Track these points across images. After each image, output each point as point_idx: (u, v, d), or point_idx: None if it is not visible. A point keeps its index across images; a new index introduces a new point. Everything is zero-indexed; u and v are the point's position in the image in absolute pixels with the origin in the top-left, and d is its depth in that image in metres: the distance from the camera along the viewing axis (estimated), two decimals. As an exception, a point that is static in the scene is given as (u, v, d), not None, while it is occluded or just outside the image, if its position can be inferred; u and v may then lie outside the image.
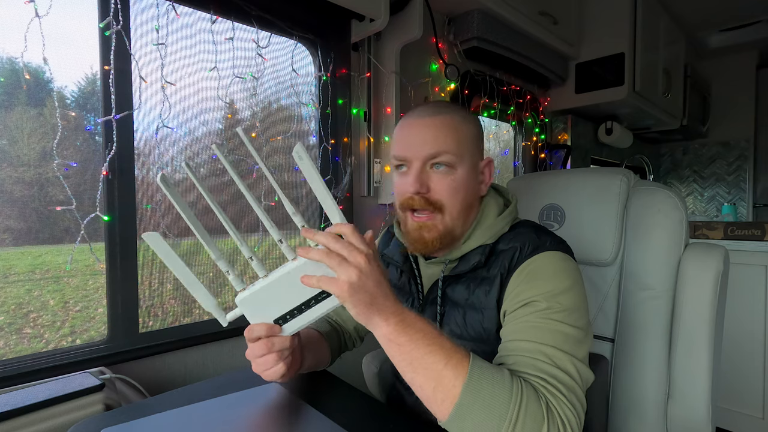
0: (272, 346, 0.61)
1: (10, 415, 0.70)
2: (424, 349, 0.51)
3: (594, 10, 2.14)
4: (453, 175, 0.67)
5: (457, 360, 0.50)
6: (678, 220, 0.87)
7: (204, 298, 0.61)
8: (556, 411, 0.49)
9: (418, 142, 0.67)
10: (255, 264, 0.60)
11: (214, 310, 0.62)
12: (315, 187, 0.58)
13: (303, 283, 0.57)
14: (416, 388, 0.52)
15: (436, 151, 0.66)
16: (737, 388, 1.81)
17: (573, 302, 0.59)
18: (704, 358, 0.83)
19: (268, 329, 0.61)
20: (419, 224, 0.68)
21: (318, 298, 0.60)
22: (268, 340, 0.61)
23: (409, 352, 0.51)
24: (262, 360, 0.62)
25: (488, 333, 0.65)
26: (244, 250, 0.59)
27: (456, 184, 0.67)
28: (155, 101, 1.00)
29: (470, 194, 0.69)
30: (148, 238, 0.56)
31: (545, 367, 0.53)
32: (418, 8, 1.36)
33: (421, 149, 0.66)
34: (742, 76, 3.26)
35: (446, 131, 0.67)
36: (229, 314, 0.63)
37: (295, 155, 0.56)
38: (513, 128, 2.23)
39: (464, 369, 0.49)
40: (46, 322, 0.98)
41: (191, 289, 0.60)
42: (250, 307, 0.60)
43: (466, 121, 0.69)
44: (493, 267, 0.67)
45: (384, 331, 0.53)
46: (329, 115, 1.36)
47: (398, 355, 0.52)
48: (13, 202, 0.92)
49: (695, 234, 2.00)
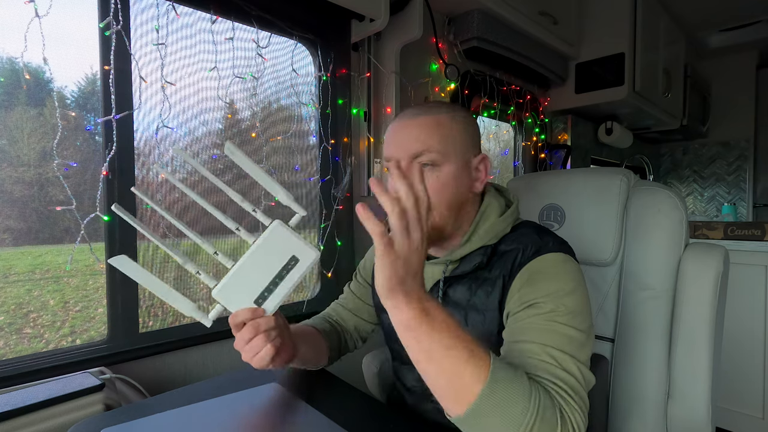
0: (258, 327, 0.61)
1: (10, 415, 0.70)
2: (447, 341, 0.48)
3: (594, 10, 2.14)
4: (438, 173, 0.67)
5: (478, 358, 0.48)
6: (678, 220, 0.87)
7: (181, 304, 0.61)
8: (568, 417, 0.49)
9: (402, 141, 0.68)
10: (221, 257, 0.62)
11: (194, 313, 0.62)
12: (255, 175, 0.62)
13: (359, 214, 0.48)
14: (429, 380, 0.50)
15: (419, 149, 0.67)
16: (737, 388, 1.81)
17: (577, 304, 0.59)
18: (704, 358, 0.83)
19: (252, 312, 0.61)
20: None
21: (288, 267, 0.61)
22: (254, 321, 0.61)
23: (428, 343, 0.48)
24: (250, 345, 0.61)
25: (490, 334, 0.65)
26: (207, 247, 0.61)
27: (441, 181, 0.67)
28: (155, 101, 1.00)
29: (460, 192, 0.69)
30: (116, 262, 0.57)
31: (554, 370, 0.53)
32: (418, 8, 1.36)
33: (405, 148, 0.68)
34: (742, 76, 3.26)
35: (429, 130, 0.67)
36: (211, 313, 0.63)
37: (227, 152, 0.59)
38: (513, 128, 2.23)
39: (485, 371, 0.47)
40: (46, 322, 0.98)
41: (167, 299, 0.61)
42: (227, 297, 0.61)
43: (453, 118, 0.70)
44: (495, 268, 0.67)
45: (405, 315, 0.49)
46: (329, 115, 1.36)
47: (416, 344, 0.49)
48: (13, 202, 0.92)
49: (695, 234, 2.00)
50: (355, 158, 1.42)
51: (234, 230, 0.62)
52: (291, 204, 0.64)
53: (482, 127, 2.05)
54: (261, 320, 0.61)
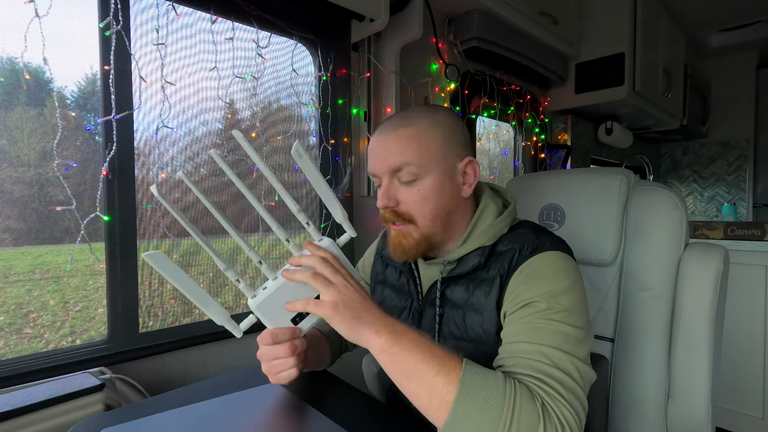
0: (296, 349, 0.63)
1: (10, 415, 0.70)
2: (418, 357, 0.51)
3: (594, 10, 2.14)
4: (419, 186, 0.67)
5: (450, 367, 0.50)
6: (678, 220, 0.87)
7: (216, 313, 0.61)
8: (552, 411, 0.49)
9: (381, 156, 0.68)
10: (264, 268, 0.61)
11: (227, 323, 0.62)
12: (316, 185, 0.59)
13: (288, 310, 0.60)
14: (412, 398, 0.52)
15: (398, 164, 0.66)
16: (737, 388, 1.81)
17: (573, 302, 0.59)
18: (704, 358, 0.83)
19: (291, 332, 0.63)
20: (397, 232, 0.70)
21: None
22: (291, 343, 0.62)
23: (404, 362, 0.52)
24: (280, 362, 0.63)
25: (488, 334, 0.65)
26: (253, 256, 0.61)
27: (423, 194, 0.67)
28: (155, 101, 1.00)
29: (445, 200, 0.68)
30: (150, 259, 0.54)
31: (543, 367, 0.53)
32: (418, 8, 1.36)
33: (384, 163, 0.67)
34: (742, 76, 3.26)
35: (406, 143, 0.66)
36: (243, 323, 0.63)
37: (294, 154, 0.56)
38: (513, 128, 2.23)
39: (457, 375, 0.50)
40: (46, 322, 0.98)
41: (203, 307, 0.60)
42: (266, 312, 0.61)
43: (432, 127, 0.68)
44: (493, 268, 0.66)
45: (377, 342, 0.54)
46: (329, 115, 1.36)
47: (393, 365, 0.53)
48: (13, 202, 0.92)
49: (695, 234, 2.00)
50: (355, 158, 1.42)
51: (284, 241, 0.62)
52: (344, 223, 0.65)
53: (482, 127, 2.05)
54: (298, 342, 0.63)
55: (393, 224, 0.70)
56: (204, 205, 0.58)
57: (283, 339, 0.62)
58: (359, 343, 0.56)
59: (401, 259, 0.73)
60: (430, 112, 0.70)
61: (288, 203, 0.60)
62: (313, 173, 0.59)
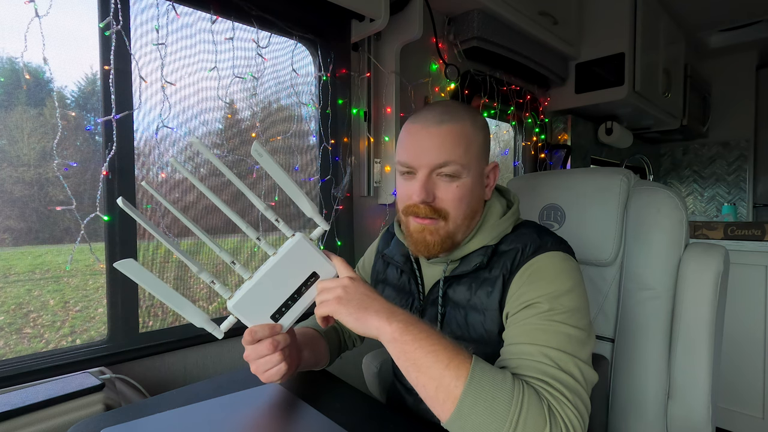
0: (277, 345, 0.61)
1: (10, 415, 0.70)
2: (428, 348, 0.51)
3: (594, 10, 2.14)
4: (459, 184, 0.66)
5: (460, 361, 0.50)
6: (678, 220, 0.87)
7: (194, 315, 0.60)
8: (558, 414, 0.49)
9: (425, 150, 0.65)
10: (238, 268, 0.60)
11: (206, 325, 0.61)
12: (281, 182, 0.59)
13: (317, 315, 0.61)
14: (419, 388, 0.52)
15: (443, 160, 0.64)
16: (737, 388, 1.81)
17: (575, 303, 0.59)
18: (704, 358, 0.83)
19: (270, 329, 0.61)
20: (422, 227, 0.67)
21: (307, 283, 0.61)
22: (272, 339, 0.61)
23: (414, 351, 0.52)
24: (265, 360, 0.62)
25: (490, 334, 0.65)
26: (224, 256, 0.59)
27: (462, 192, 0.66)
28: (155, 101, 1.00)
29: (475, 201, 0.69)
30: (122, 267, 0.54)
31: (548, 369, 0.53)
32: (418, 8, 1.36)
33: (428, 158, 0.65)
34: (742, 76, 3.26)
35: (454, 140, 0.65)
36: (223, 324, 0.62)
37: (254, 153, 0.56)
38: (513, 128, 2.23)
39: (466, 370, 0.50)
40: (46, 322, 0.98)
41: (179, 309, 0.59)
42: (244, 311, 0.60)
43: (475, 128, 0.68)
44: (495, 268, 0.66)
45: (387, 330, 0.53)
46: (329, 115, 1.36)
47: (402, 354, 0.52)
48: (13, 202, 0.92)
49: (695, 234, 2.00)
50: (355, 158, 1.42)
51: (254, 240, 0.60)
52: (315, 217, 0.63)
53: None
54: (279, 338, 0.62)
55: (421, 219, 0.67)
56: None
57: (263, 335, 0.61)
58: (368, 333, 0.55)
59: (423, 255, 0.71)
60: (471, 111, 0.70)
61: (254, 202, 0.59)
62: (276, 171, 0.58)
